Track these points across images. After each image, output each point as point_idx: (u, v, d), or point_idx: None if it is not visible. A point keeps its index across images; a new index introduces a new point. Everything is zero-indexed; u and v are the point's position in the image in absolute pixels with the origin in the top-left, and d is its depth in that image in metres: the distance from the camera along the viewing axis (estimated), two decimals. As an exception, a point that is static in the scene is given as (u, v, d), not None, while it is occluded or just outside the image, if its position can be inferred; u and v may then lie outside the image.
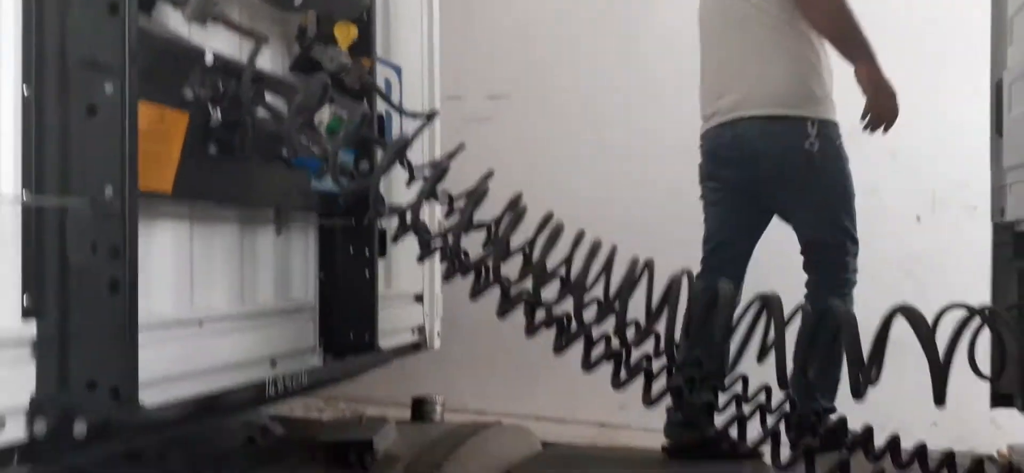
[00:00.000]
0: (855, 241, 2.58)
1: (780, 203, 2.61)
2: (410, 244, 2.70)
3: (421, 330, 2.90)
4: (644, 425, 4.26)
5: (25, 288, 1.41)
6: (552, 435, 3.17)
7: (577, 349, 1.61)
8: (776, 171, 2.53)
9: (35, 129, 1.42)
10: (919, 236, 3.69)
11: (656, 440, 2.74)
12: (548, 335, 1.62)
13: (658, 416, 4.32)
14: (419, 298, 2.87)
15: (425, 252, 1.69)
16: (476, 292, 1.62)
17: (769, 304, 1.46)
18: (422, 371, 3.52)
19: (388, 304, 2.47)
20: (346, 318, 2.27)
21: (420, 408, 2.99)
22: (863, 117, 2.56)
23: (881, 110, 2.53)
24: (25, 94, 1.41)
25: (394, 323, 2.57)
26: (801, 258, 2.63)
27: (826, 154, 2.51)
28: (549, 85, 4.42)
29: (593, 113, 4.40)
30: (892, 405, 2.37)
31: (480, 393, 4.09)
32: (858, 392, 1.39)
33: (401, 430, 2.60)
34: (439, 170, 1.67)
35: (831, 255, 2.56)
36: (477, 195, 1.65)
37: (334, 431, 2.59)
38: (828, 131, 2.53)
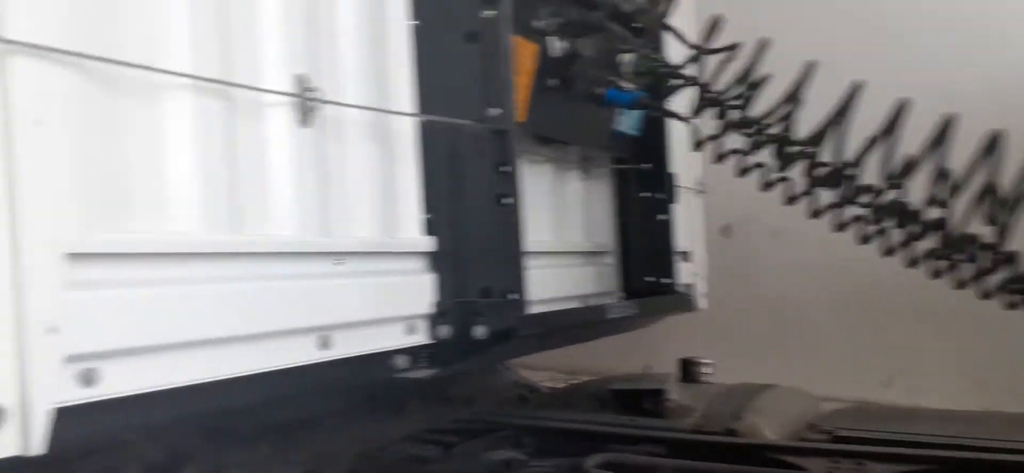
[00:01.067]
0: None
1: None
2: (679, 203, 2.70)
3: (688, 288, 2.87)
4: (910, 401, 3.99)
5: (424, 207, 1.52)
6: (814, 411, 3.03)
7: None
8: None
9: (422, 57, 1.53)
10: None
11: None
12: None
13: (924, 394, 4.03)
14: (686, 256, 2.84)
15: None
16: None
17: None
18: (661, 341, 3.48)
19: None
20: (643, 261, 2.28)
21: (690, 369, 2.94)
22: None
23: None
24: (412, 24, 1.53)
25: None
26: None
27: None
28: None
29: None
30: None
31: (730, 367, 3.98)
32: None
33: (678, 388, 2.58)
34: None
35: None
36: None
37: (623, 382, 2.60)
38: None
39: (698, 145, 1.91)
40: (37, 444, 0.87)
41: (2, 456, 0.86)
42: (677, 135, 2.32)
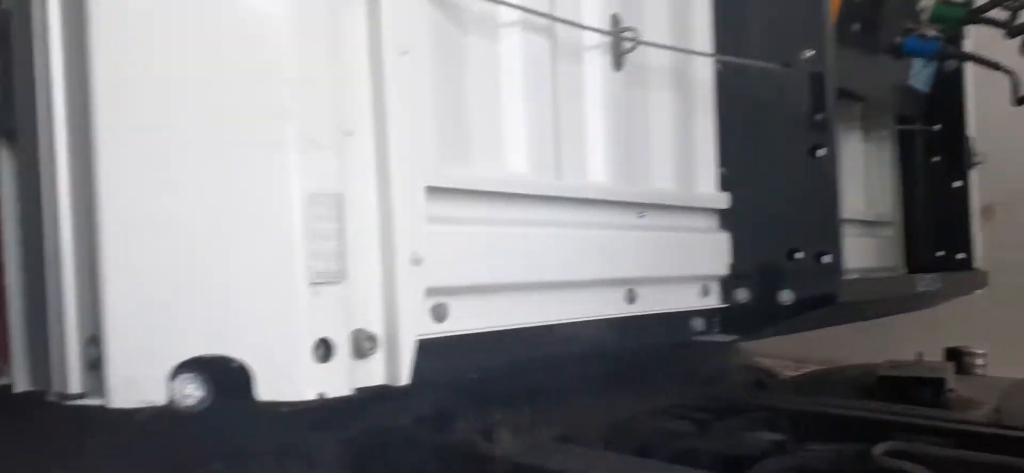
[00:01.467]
0: None
1: None
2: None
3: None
4: None
5: (722, 162, 1.41)
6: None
7: None
8: None
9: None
10: None
11: None
12: None
13: None
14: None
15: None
16: None
17: None
18: (894, 328, 3.12)
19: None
20: (933, 234, 2.03)
21: (960, 359, 2.63)
22: None
23: None
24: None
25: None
26: None
27: None
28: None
29: None
30: None
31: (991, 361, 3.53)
32: None
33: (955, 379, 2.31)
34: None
35: None
36: None
37: (895, 368, 2.37)
38: None
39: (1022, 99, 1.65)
40: (404, 374, 0.86)
41: (370, 384, 0.87)
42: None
